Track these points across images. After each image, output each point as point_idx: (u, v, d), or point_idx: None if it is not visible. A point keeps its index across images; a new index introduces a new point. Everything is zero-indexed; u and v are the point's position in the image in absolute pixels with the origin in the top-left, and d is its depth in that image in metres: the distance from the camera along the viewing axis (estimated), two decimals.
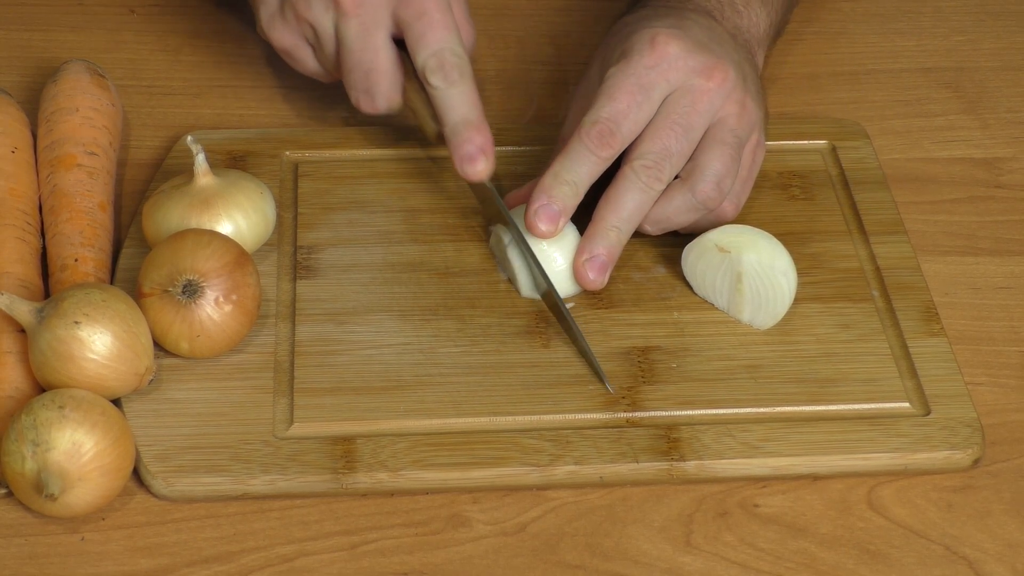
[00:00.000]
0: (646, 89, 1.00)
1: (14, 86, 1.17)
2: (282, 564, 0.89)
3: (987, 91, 1.22)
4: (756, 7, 1.11)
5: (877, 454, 0.94)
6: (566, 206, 1.00)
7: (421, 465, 0.92)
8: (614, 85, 1.00)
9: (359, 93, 1.07)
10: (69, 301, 0.92)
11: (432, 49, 1.02)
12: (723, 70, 1.01)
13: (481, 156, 1.02)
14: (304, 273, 1.04)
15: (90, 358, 0.91)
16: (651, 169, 0.99)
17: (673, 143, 1.00)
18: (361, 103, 1.07)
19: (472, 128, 1.02)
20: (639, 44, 1.01)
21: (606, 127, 0.99)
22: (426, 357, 0.99)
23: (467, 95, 1.03)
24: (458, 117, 1.02)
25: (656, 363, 0.99)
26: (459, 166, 1.02)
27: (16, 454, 0.88)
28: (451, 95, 1.03)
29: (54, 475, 0.87)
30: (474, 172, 1.02)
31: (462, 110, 1.02)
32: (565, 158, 1.00)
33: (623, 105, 0.99)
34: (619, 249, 1.00)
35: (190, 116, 1.17)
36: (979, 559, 0.90)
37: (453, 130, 1.03)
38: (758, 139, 1.04)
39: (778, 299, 1.00)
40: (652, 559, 0.90)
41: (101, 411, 0.89)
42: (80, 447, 0.88)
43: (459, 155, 1.02)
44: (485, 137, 1.02)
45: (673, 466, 0.93)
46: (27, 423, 0.88)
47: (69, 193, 1.04)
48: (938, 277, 1.06)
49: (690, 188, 1.01)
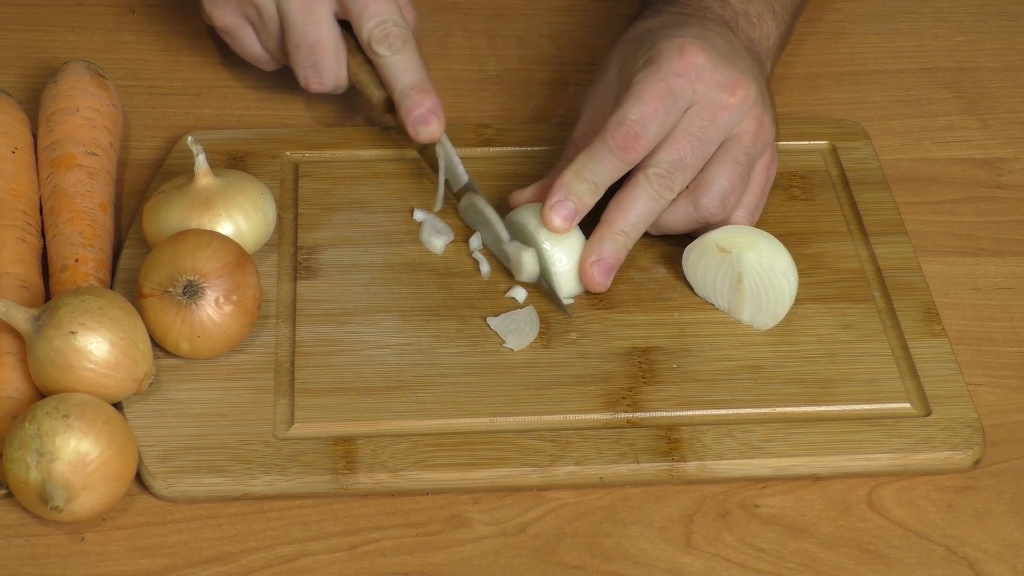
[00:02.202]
0: (675, 96, 1.00)
1: (14, 86, 1.17)
2: (282, 564, 0.89)
3: (987, 91, 1.22)
4: (768, 19, 1.11)
5: (878, 454, 0.94)
6: (583, 205, 1.00)
7: (421, 466, 0.92)
8: (643, 89, 1.00)
9: (306, 70, 1.11)
10: (64, 310, 0.91)
11: (376, 20, 1.08)
12: (746, 86, 1.01)
13: (433, 117, 1.07)
14: (304, 273, 1.04)
15: (88, 368, 0.91)
16: (664, 178, 0.99)
17: (688, 155, 1.00)
18: (310, 80, 1.11)
19: (421, 91, 1.07)
20: (667, 51, 1.01)
21: (632, 130, 0.99)
22: (426, 357, 0.99)
23: (412, 60, 1.08)
24: (406, 83, 1.08)
25: (657, 363, 0.99)
26: (412, 129, 1.07)
27: (20, 462, 0.88)
28: (396, 62, 1.08)
29: (59, 487, 0.87)
30: (427, 133, 1.07)
31: (408, 76, 1.08)
32: (589, 158, 1.00)
33: (651, 109, 0.99)
34: (625, 253, 1.01)
35: (190, 116, 1.17)
36: (979, 559, 0.90)
37: (402, 95, 1.08)
38: (772, 155, 1.05)
39: (779, 299, 1.00)
40: (652, 560, 0.90)
41: (105, 419, 0.89)
42: (85, 457, 0.87)
43: (411, 118, 1.07)
44: (434, 99, 1.07)
45: (673, 467, 0.93)
46: (31, 431, 0.87)
47: (69, 193, 1.04)
48: (939, 277, 1.06)
49: (694, 201, 1.01)
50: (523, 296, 1.02)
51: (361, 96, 1.12)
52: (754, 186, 1.04)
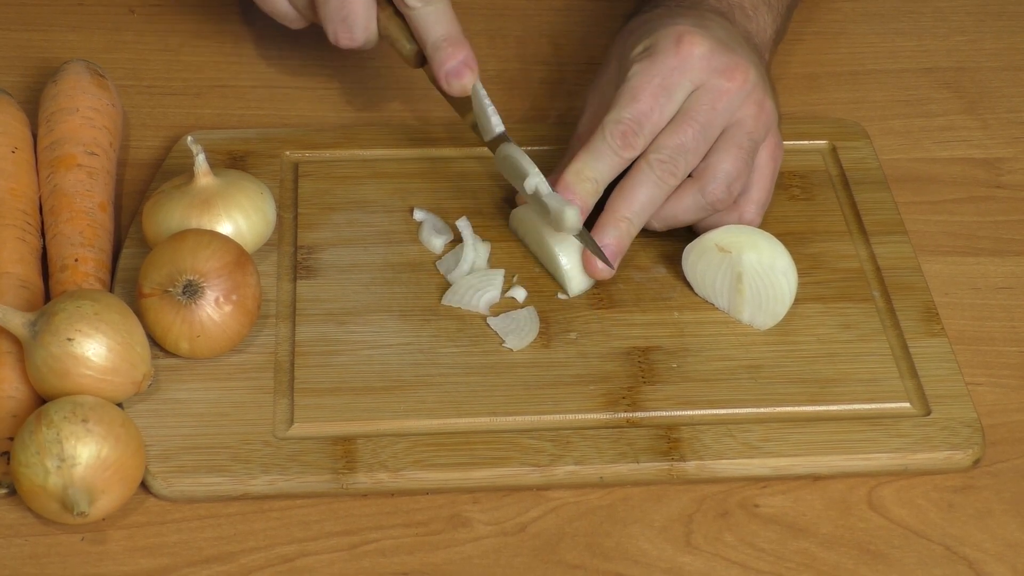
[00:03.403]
0: (669, 90, 1.00)
1: (14, 86, 1.17)
2: (282, 564, 0.89)
3: (987, 91, 1.22)
4: (763, 12, 1.11)
5: (877, 454, 0.94)
6: (586, 203, 1.00)
7: (421, 465, 0.92)
8: (638, 85, 1.00)
9: (336, 24, 1.07)
10: (61, 316, 0.91)
11: None
12: (744, 70, 1.01)
13: (466, 70, 1.05)
14: (304, 273, 1.04)
15: (86, 374, 0.91)
16: (666, 164, 0.99)
17: (690, 140, 1.00)
18: (340, 35, 1.08)
19: (454, 43, 1.05)
20: (664, 41, 1.01)
21: (629, 127, 0.99)
22: (426, 357, 0.98)
23: (444, 12, 1.06)
24: (438, 35, 1.05)
25: (656, 363, 0.99)
26: (444, 81, 1.05)
27: (38, 467, 0.87)
28: (428, 13, 1.05)
29: (82, 491, 0.87)
30: (460, 86, 1.05)
31: (441, 27, 1.05)
32: (588, 156, 1.00)
33: (646, 106, 1.00)
34: (629, 240, 1.01)
35: (190, 116, 1.17)
36: (979, 559, 0.90)
37: (435, 47, 1.05)
38: (776, 142, 1.05)
39: (778, 299, 1.00)
40: (652, 559, 0.90)
41: (121, 423, 0.89)
42: (104, 461, 0.87)
43: (444, 71, 1.05)
44: (467, 51, 1.05)
45: (673, 466, 0.93)
46: (50, 436, 0.87)
47: (69, 193, 1.04)
48: (938, 277, 1.06)
49: (700, 189, 1.01)
50: (523, 296, 1.02)
51: (392, 49, 1.09)
52: (763, 179, 1.04)
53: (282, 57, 1.21)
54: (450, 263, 1.04)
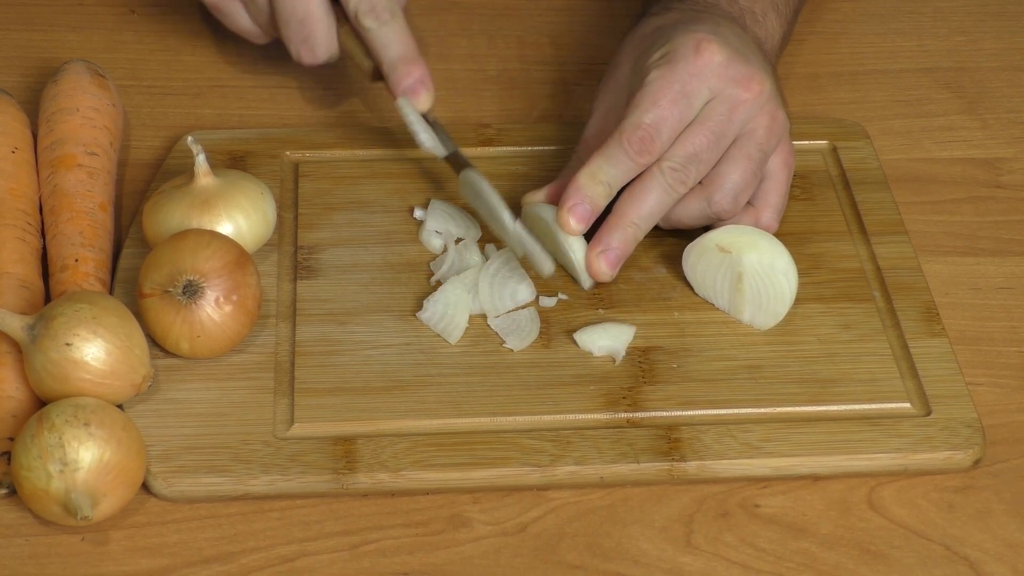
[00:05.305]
0: (689, 97, 1.00)
1: (14, 86, 1.17)
2: (282, 564, 0.89)
3: (987, 91, 1.22)
4: (772, 17, 1.11)
5: (878, 454, 0.94)
6: (598, 206, 1.00)
7: (422, 465, 0.92)
8: (658, 90, 1.00)
9: (298, 44, 1.10)
10: (59, 320, 0.91)
11: None
12: (760, 81, 1.01)
13: (422, 88, 1.07)
14: (304, 273, 1.04)
15: (85, 378, 0.91)
16: (678, 172, 0.99)
17: (704, 150, 1.00)
18: (302, 55, 1.11)
19: (409, 63, 1.07)
20: (683, 49, 1.01)
21: (647, 133, 0.99)
22: (426, 357, 0.99)
23: (400, 32, 1.08)
24: (394, 54, 1.08)
25: (657, 363, 0.99)
26: (401, 101, 1.07)
27: (40, 471, 0.87)
28: (384, 33, 1.08)
29: (85, 496, 0.87)
30: (416, 104, 1.07)
31: (397, 47, 1.08)
32: (603, 159, 1.00)
33: (666, 112, 0.99)
34: (633, 245, 1.01)
35: (190, 116, 1.17)
36: (979, 559, 0.90)
37: (391, 66, 1.08)
38: (788, 149, 1.05)
39: (779, 299, 1.00)
40: (653, 559, 0.90)
41: (123, 425, 0.89)
42: (107, 465, 0.87)
43: (400, 90, 1.07)
44: (423, 70, 1.07)
45: (674, 466, 0.93)
46: (52, 440, 0.87)
47: (69, 193, 1.04)
48: (939, 277, 1.06)
49: (707, 198, 1.01)
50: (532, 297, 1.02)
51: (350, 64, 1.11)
52: (779, 184, 1.04)
53: (282, 57, 1.21)
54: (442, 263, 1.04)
